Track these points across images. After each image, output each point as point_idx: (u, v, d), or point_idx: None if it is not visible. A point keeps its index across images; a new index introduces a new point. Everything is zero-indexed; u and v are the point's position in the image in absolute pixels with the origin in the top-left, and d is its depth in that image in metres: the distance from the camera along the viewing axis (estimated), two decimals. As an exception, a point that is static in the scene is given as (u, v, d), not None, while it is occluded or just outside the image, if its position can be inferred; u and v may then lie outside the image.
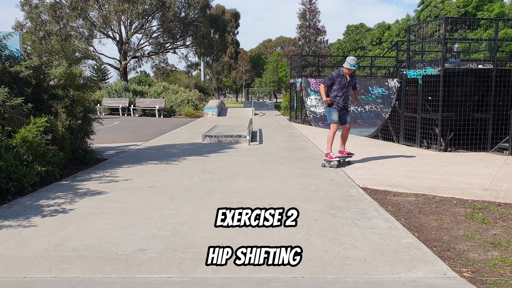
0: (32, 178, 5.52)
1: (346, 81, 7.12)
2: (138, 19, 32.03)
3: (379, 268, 3.15)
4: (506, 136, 8.97)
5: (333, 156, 7.18)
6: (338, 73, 7.17)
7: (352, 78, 7.23)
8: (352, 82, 7.27)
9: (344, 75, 7.14)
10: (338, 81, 7.12)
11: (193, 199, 5.14)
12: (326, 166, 7.23)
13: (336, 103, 7.18)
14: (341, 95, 7.15)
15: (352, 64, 7.04)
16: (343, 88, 7.14)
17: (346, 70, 7.07)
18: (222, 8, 55.97)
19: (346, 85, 7.14)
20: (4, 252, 3.44)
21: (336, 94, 7.16)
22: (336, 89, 7.15)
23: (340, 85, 7.14)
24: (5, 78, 6.22)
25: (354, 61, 7.06)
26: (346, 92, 7.19)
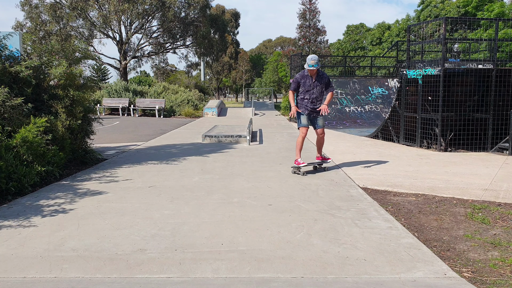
0: (32, 178, 5.52)
1: (311, 82, 6.58)
2: (138, 19, 32.03)
3: (379, 268, 3.15)
4: (506, 136, 8.97)
5: (301, 162, 6.67)
6: (302, 74, 6.67)
7: (320, 78, 6.64)
8: (321, 82, 6.64)
9: (309, 75, 6.60)
10: (303, 82, 6.62)
11: (193, 199, 5.14)
12: (296, 173, 6.74)
13: (304, 107, 6.69)
14: (308, 98, 6.63)
15: (310, 64, 6.43)
16: (309, 90, 6.61)
17: (309, 70, 6.54)
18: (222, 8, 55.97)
19: (312, 86, 6.59)
20: (4, 252, 3.44)
21: (303, 97, 6.68)
22: (302, 92, 6.67)
23: (305, 87, 6.63)
24: (5, 78, 6.22)
25: (312, 60, 6.43)
26: (314, 94, 6.62)
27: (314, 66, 6.40)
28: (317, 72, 6.58)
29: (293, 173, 6.71)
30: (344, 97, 18.83)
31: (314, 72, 6.54)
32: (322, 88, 6.68)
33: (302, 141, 6.80)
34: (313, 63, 6.40)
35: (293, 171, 6.79)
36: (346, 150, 9.35)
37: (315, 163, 7.10)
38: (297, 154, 6.80)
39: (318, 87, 6.63)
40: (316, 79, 6.60)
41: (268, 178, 6.34)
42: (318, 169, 7.05)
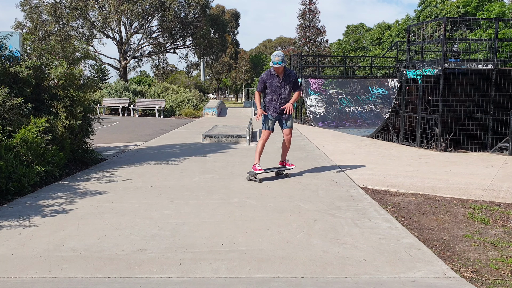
0: (32, 178, 5.52)
1: (279, 81, 6.13)
2: (138, 19, 32.04)
3: (379, 268, 3.15)
4: (506, 136, 8.97)
5: (259, 168, 6.14)
6: (268, 73, 6.20)
7: (287, 77, 6.17)
8: (289, 82, 6.19)
9: (276, 75, 6.15)
10: (269, 82, 6.16)
11: (193, 199, 5.14)
12: (252, 179, 6.16)
13: (272, 109, 6.24)
14: (277, 99, 6.18)
15: (275, 61, 5.97)
16: (276, 90, 6.17)
17: (274, 68, 6.08)
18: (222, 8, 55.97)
19: (280, 86, 6.16)
20: (4, 252, 3.44)
21: (271, 98, 6.21)
22: (269, 92, 6.21)
23: (272, 87, 6.16)
24: (5, 78, 6.22)
25: (277, 57, 5.96)
26: (283, 94, 6.19)
27: (278, 64, 5.93)
28: (284, 70, 6.14)
29: (248, 180, 6.17)
30: (344, 97, 18.83)
31: (281, 70, 6.10)
32: (290, 87, 6.26)
33: (262, 145, 6.33)
34: (277, 59, 5.93)
35: (248, 178, 6.22)
36: (346, 150, 9.35)
37: (276, 168, 6.53)
38: (256, 158, 6.26)
39: (286, 86, 6.20)
40: (283, 79, 6.15)
41: (268, 178, 6.34)
42: (279, 175, 6.49)
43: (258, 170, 6.12)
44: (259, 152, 6.29)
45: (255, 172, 6.12)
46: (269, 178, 6.35)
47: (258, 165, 6.20)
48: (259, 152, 6.29)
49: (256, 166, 6.18)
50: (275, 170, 6.45)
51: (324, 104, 18.33)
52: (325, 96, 18.62)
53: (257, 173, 6.11)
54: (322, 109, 18.14)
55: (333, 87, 19.02)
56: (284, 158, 6.59)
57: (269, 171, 6.35)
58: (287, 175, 6.48)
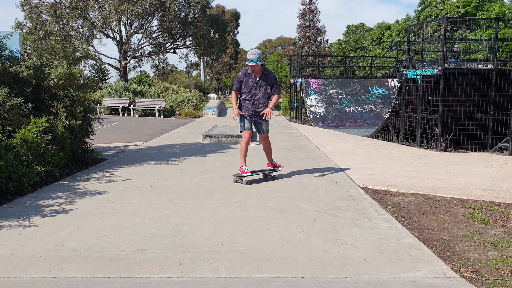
0: (32, 178, 5.52)
1: (255, 81, 5.88)
2: (138, 19, 32.03)
3: (379, 268, 3.15)
4: (506, 136, 8.97)
5: (246, 170, 5.92)
6: (245, 72, 5.95)
7: (265, 78, 5.92)
8: (266, 82, 5.92)
9: (252, 74, 5.89)
10: (245, 82, 5.92)
11: (193, 199, 5.14)
12: (238, 182, 6.00)
13: (245, 108, 6.00)
14: (250, 99, 5.94)
15: (249, 59, 5.69)
16: (251, 90, 5.92)
17: (250, 67, 5.83)
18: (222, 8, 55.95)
19: (255, 86, 5.89)
20: (4, 252, 3.44)
21: (245, 97, 5.98)
22: (244, 92, 5.98)
23: (247, 86, 5.93)
24: (5, 78, 6.22)
25: (252, 55, 5.68)
26: (257, 95, 5.92)
27: (253, 62, 5.67)
28: (261, 70, 5.90)
29: (235, 182, 6.00)
30: (344, 97, 18.83)
31: (258, 70, 5.85)
32: (267, 89, 5.96)
33: (246, 147, 6.07)
34: (252, 57, 5.66)
35: (234, 180, 6.03)
36: (346, 150, 9.35)
37: (264, 170, 6.39)
38: (242, 160, 6.06)
39: (262, 87, 5.92)
40: (261, 78, 5.90)
41: (268, 178, 6.34)
42: (268, 177, 6.35)
43: (245, 173, 5.93)
44: (244, 154, 6.08)
45: (242, 174, 5.93)
46: (268, 179, 6.34)
47: (244, 167, 5.99)
48: (244, 154, 6.08)
49: (243, 168, 5.98)
50: (262, 172, 6.29)
51: (324, 104, 18.33)
52: (325, 96, 18.62)
53: (244, 176, 5.93)
54: (322, 109, 18.14)
55: (333, 87, 19.02)
56: (270, 159, 6.39)
57: (257, 173, 6.17)
58: (275, 177, 6.31)
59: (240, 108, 6.06)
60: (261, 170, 6.45)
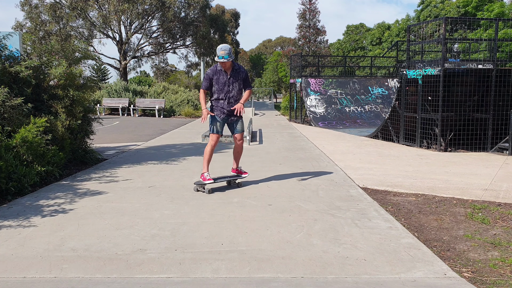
0: (32, 178, 5.52)
1: (226, 78, 5.49)
2: (138, 19, 32.04)
3: (379, 268, 3.15)
4: (506, 136, 8.97)
5: (208, 177, 5.47)
6: (214, 69, 5.53)
7: (236, 73, 5.54)
8: (238, 78, 5.56)
9: (223, 71, 5.50)
10: (216, 79, 5.50)
11: (193, 199, 5.14)
12: (200, 190, 5.50)
13: (219, 110, 5.58)
14: (224, 98, 5.52)
15: (220, 55, 5.31)
16: (224, 88, 5.51)
17: (220, 63, 5.44)
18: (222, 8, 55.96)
19: (227, 83, 5.50)
20: (4, 252, 3.44)
21: (218, 96, 5.54)
22: (216, 90, 5.53)
23: (219, 84, 5.50)
24: (5, 78, 6.22)
25: (222, 50, 5.30)
26: (231, 92, 5.54)
27: (224, 58, 5.28)
28: (232, 66, 5.51)
29: (196, 191, 5.51)
30: (344, 97, 18.84)
31: (228, 66, 5.45)
32: (240, 85, 5.60)
33: (211, 151, 5.64)
34: (223, 54, 5.28)
35: (195, 188, 5.54)
36: (346, 150, 9.35)
37: (228, 177, 5.87)
38: (204, 166, 5.60)
39: (235, 84, 5.54)
40: (232, 75, 5.51)
41: (268, 178, 6.34)
42: (231, 185, 5.89)
43: (206, 180, 5.45)
44: (208, 159, 5.62)
45: (204, 182, 5.45)
46: (268, 179, 6.34)
47: (206, 174, 5.52)
48: (207, 160, 5.61)
49: (205, 175, 5.50)
50: (226, 179, 5.79)
51: (324, 104, 18.33)
52: (325, 96, 18.62)
53: (205, 183, 5.45)
54: (322, 109, 18.15)
55: (333, 87, 19.03)
56: (236, 165, 5.94)
57: (220, 180, 5.69)
58: (240, 184, 5.87)
59: (211, 110, 5.65)
60: (224, 176, 5.92)
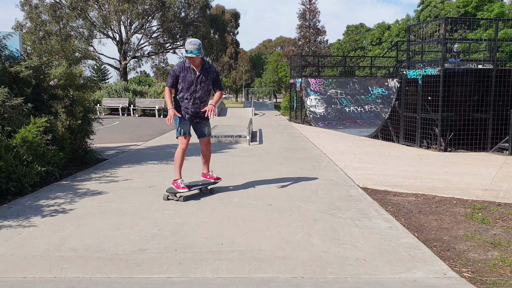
0: (32, 178, 5.52)
1: (194, 76, 4.97)
2: (138, 19, 32.04)
3: (379, 268, 3.15)
4: (506, 136, 8.97)
5: (181, 185, 4.99)
6: (182, 65, 5.01)
7: (206, 72, 5.03)
8: (207, 78, 5.04)
9: (191, 68, 4.97)
10: (183, 77, 4.98)
11: (193, 199, 5.13)
12: (171, 199, 5.02)
13: (184, 110, 5.08)
14: (189, 97, 5.02)
15: (189, 49, 4.78)
16: (191, 87, 4.99)
17: (189, 59, 4.92)
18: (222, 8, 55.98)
19: (195, 82, 4.99)
20: (4, 252, 3.44)
21: (183, 95, 5.04)
22: (182, 89, 5.03)
23: (185, 82, 4.98)
24: (5, 78, 6.22)
25: (191, 44, 4.78)
26: (198, 92, 5.03)
27: (193, 53, 4.77)
28: (201, 63, 5.01)
29: (166, 199, 5.01)
30: (344, 97, 18.84)
31: (197, 63, 4.96)
32: (209, 85, 5.09)
33: (182, 155, 5.12)
34: (192, 48, 4.76)
35: (166, 197, 5.03)
36: (346, 150, 9.35)
37: (200, 184, 5.34)
38: (176, 173, 5.09)
39: (203, 84, 5.02)
40: (201, 73, 5.00)
41: (268, 178, 6.34)
42: (202, 191, 5.43)
43: (181, 188, 4.96)
44: (179, 163, 5.10)
45: (177, 190, 4.96)
46: (268, 179, 6.34)
47: (180, 181, 5.02)
48: (179, 165, 5.10)
49: (178, 182, 5.01)
50: (199, 186, 5.26)
51: (324, 104, 18.33)
52: (325, 96, 18.62)
53: (179, 192, 4.94)
54: (322, 109, 18.15)
55: (333, 87, 19.03)
56: (207, 169, 5.49)
57: (193, 188, 5.16)
58: (213, 190, 5.41)
59: (177, 109, 5.11)
60: (196, 182, 5.40)
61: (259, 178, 6.37)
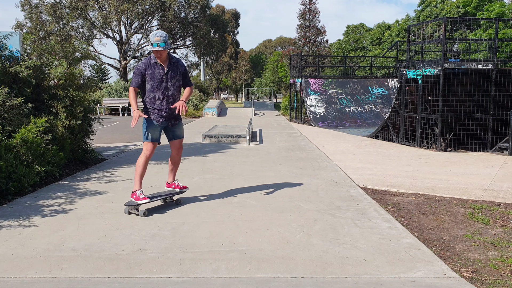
0: (32, 178, 5.52)
1: (163, 72, 4.47)
2: (138, 19, 32.05)
3: (379, 268, 3.15)
4: (506, 136, 8.97)
5: (141, 196, 4.44)
6: (147, 62, 4.47)
7: (174, 67, 4.56)
8: (177, 73, 4.56)
9: (158, 63, 4.46)
10: (150, 74, 4.45)
11: (193, 199, 5.13)
12: (132, 213, 4.46)
13: (157, 112, 4.53)
14: (162, 97, 4.49)
15: (154, 41, 4.31)
16: (161, 84, 4.47)
17: (155, 53, 4.42)
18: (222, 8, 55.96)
19: (164, 78, 4.48)
20: (4, 252, 3.44)
21: (154, 95, 4.49)
22: (152, 88, 4.48)
23: (154, 80, 4.45)
24: (5, 78, 6.22)
25: (157, 36, 4.32)
26: (170, 90, 4.53)
27: (160, 46, 4.30)
28: (168, 58, 4.55)
29: (127, 213, 4.47)
30: (344, 97, 18.84)
31: (165, 57, 4.47)
32: (179, 81, 4.63)
33: (144, 164, 4.56)
34: (158, 40, 4.30)
35: (127, 211, 4.48)
36: (346, 150, 9.35)
37: (163, 194, 4.81)
38: (136, 183, 4.53)
39: (173, 79, 4.54)
40: (170, 68, 4.52)
41: (268, 178, 6.34)
42: (168, 201, 4.93)
43: (141, 200, 4.42)
44: (140, 173, 4.54)
45: (137, 202, 4.42)
46: (268, 179, 6.34)
47: (139, 191, 4.48)
48: (140, 174, 4.54)
49: (138, 193, 4.46)
50: (162, 196, 4.76)
51: (324, 104, 18.33)
52: (325, 96, 18.62)
53: (140, 203, 4.42)
54: (322, 109, 18.15)
55: (333, 87, 19.03)
56: (172, 178, 4.94)
57: (156, 199, 4.66)
58: (179, 201, 4.89)
59: (147, 113, 4.58)
60: (160, 193, 4.87)
61: (259, 178, 6.37)
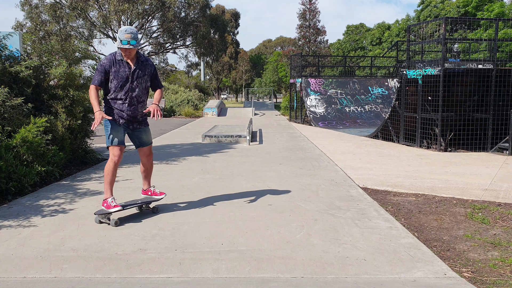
0: (32, 178, 5.52)
1: (129, 71, 4.12)
2: (138, 19, 32.03)
3: (379, 268, 3.15)
4: (506, 136, 8.97)
5: (112, 203, 4.12)
6: (112, 58, 4.10)
7: (143, 66, 4.22)
8: (145, 72, 4.22)
9: (124, 61, 4.11)
10: (115, 72, 4.09)
11: (193, 199, 5.13)
12: (103, 222, 4.14)
13: (118, 113, 4.18)
14: (124, 97, 4.14)
15: (125, 39, 3.97)
16: (125, 84, 4.12)
17: (123, 51, 4.06)
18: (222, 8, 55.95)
19: (131, 78, 4.13)
20: (4, 252, 3.44)
21: (116, 95, 4.14)
22: (115, 88, 4.12)
23: (118, 79, 4.10)
24: (5, 78, 6.22)
25: (127, 33, 3.98)
26: (136, 91, 4.18)
27: (131, 44, 3.98)
28: (137, 56, 4.20)
29: (98, 223, 4.14)
30: (344, 97, 18.84)
31: (133, 55, 4.13)
32: (147, 82, 4.28)
33: (114, 170, 4.18)
34: (128, 37, 3.97)
35: (98, 220, 4.16)
36: (346, 150, 9.35)
37: (139, 202, 4.48)
38: (107, 190, 4.20)
39: (140, 80, 4.19)
40: (137, 67, 4.17)
41: (268, 178, 6.34)
42: (144, 209, 4.60)
43: (112, 208, 4.10)
44: (110, 180, 4.18)
45: (108, 210, 4.10)
46: (268, 179, 6.34)
47: (111, 199, 4.15)
48: (110, 181, 4.18)
49: (109, 201, 4.14)
50: (136, 204, 4.42)
51: (324, 104, 18.33)
52: (325, 96, 18.62)
53: (111, 212, 4.09)
54: (322, 109, 18.15)
55: (333, 87, 19.03)
56: (147, 185, 4.62)
57: (130, 207, 4.33)
58: (156, 209, 4.57)
59: (107, 113, 4.18)
60: (136, 201, 4.54)
61: (259, 178, 6.37)
